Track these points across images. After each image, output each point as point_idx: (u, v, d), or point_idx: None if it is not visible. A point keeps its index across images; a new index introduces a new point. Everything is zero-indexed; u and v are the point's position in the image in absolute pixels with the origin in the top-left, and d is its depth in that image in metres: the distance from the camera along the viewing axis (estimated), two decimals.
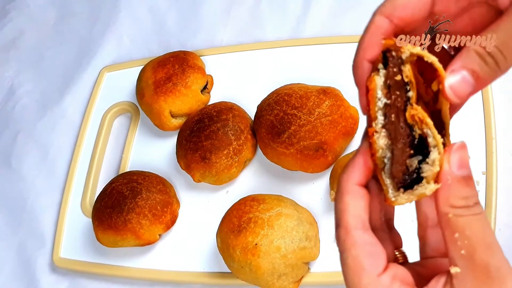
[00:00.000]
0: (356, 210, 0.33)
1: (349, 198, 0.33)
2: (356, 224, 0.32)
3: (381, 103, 0.32)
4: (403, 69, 0.31)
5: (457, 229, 0.30)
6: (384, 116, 0.32)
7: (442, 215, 0.30)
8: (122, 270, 0.77)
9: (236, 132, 0.76)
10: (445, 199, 0.30)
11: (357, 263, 0.31)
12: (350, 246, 0.32)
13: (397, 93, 0.32)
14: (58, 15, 1.11)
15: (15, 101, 1.03)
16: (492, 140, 0.67)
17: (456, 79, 0.31)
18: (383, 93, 0.32)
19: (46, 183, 0.91)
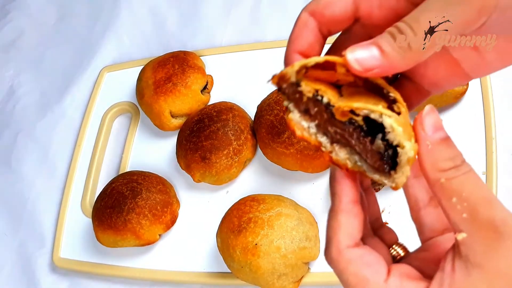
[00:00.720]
0: (349, 228, 0.32)
1: (343, 217, 0.32)
2: (348, 242, 0.32)
3: (312, 129, 0.32)
4: (301, 90, 0.31)
5: (453, 193, 0.29)
6: (324, 134, 0.32)
7: (434, 183, 0.29)
8: (122, 270, 0.77)
9: (236, 132, 0.76)
10: (432, 165, 0.29)
11: (359, 278, 0.31)
12: (347, 265, 0.31)
13: (316, 109, 0.31)
14: (58, 15, 1.11)
15: (15, 101, 1.03)
16: (492, 140, 0.67)
17: (362, 51, 0.30)
18: (306, 119, 0.32)
19: (46, 183, 0.91)
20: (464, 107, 0.71)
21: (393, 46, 0.30)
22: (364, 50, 0.30)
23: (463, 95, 0.70)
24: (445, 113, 0.72)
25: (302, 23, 0.34)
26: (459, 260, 0.29)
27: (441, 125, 0.31)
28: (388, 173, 0.30)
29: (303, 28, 0.34)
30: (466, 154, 0.72)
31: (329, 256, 0.32)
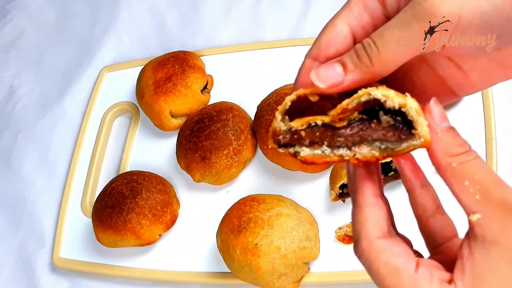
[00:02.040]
0: (376, 220, 0.33)
1: (369, 210, 0.33)
2: (378, 233, 0.32)
3: (327, 150, 0.33)
4: (295, 129, 0.33)
5: (465, 176, 0.30)
6: (338, 147, 0.33)
7: (445, 169, 0.31)
8: (122, 270, 0.77)
9: (236, 132, 0.76)
10: (443, 151, 0.31)
11: (391, 267, 0.31)
12: (378, 255, 0.31)
13: (318, 133, 0.33)
14: (58, 15, 1.11)
15: (15, 101, 1.03)
16: (492, 140, 0.67)
17: (325, 70, 0.32)
18: (317, 148, 0.33)
19: (46, 183, 0.91)
20: (464, 107, 0.71)
21: (356, 63, 0.32)
22: (328, 68, 0.32)
23: None
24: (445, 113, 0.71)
25: (307, 69, 0.35)
26: (476, 242, 0.29)
27: (446, 116, 0.32)
28: (411, 134, 0.31)
29: (307, 74, 0.34)
30: None
31: (360, 249, 0.32)
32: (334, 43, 0.34)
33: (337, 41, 0.34)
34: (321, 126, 0.33)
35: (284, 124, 0.33)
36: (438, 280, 0.30)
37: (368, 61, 0.32)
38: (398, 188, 0.67)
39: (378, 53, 0.31)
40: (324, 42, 0.34)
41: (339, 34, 0.34)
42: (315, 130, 0.33)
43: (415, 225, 0.37)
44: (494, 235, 0.29)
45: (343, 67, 0.32)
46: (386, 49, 0.31)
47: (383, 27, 0.32)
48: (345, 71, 0.32)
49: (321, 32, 0.35)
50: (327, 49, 0.34)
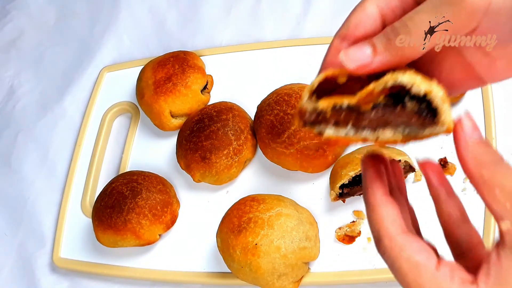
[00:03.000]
0: (391, 217, 0.33)
1: (383, 209, 0.33)
2: (397, 230, 0.33)
3: (351, 131, 0.33)
4: (321, 110, 0.33)
5: (495, 185, 0.30)
6: (362, 129, 0.33)
7: (477, 178, 0.31)
8: (122, 270, 0.77)
9: (236, 132, 0.76)
10: (474, 161, 0.31)
11: (412, 263, 0.31)
12: (400, 251, 0.32)
13: (343, 115, 0.33)
14: (58, 15, 1.11)
15: (15, 101, 1.03)
16: (492, 140, 0.67)
17: (355, 51, 0.33)
18: (342, 128, 0.33)
19: (46, 183, 0.91)
20: (464, 107, 0.71)
21: (385, 45, 0.32)
22: (357, 49, 0.33)
23: (463, 95, 0.70)
24: None
25: (335, 49, 0.35)
26: (504, 249, 0.30)
27: (478, 127, 0.32)
28: (435, 121, 0.31)
29: (335, 55, 0.35)
30: None
31: (383, 247, 0.33)
32: (363, 24, 0.34)
33: (366, 23, 0.34)
34: (346, 108, 0.33)
35: (311, 104, 0.33)
36: (460, 279, 0.30)
37: (398, 43, 0.32)
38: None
39: (408, 36, 0.31)
40: (353, 22, 0.35)
41: (368, 15, 0.34)
42: (340, 111, 0.33)
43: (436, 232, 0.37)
44: None
45: (373, 49, 0.32)
46: (417, 31, 0.31)
47: (413, 11, 0.31)
48: (375, 53, 0.32)
49: (351, 13, 0.35)
50: (355, 29, 0.34)
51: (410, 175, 0.68)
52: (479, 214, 0.64)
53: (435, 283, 0.30)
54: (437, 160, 0.68)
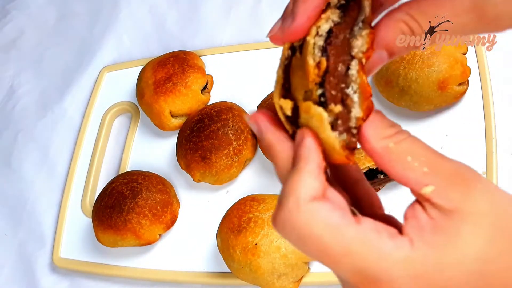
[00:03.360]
0: (311, 184, 0.29)
1: (308, 176, 0.29)
2: (309, 197, 0.28)
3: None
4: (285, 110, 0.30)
5: (406, 152, 0.28)
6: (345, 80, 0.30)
7: (382, 152, 0.28)
8: (122, 270, 0.77)
9: (236, 132, 0.76)
10: (376, 135, 0.29)
11: (329, 224, 0.27)
12: (310, 214, 0.27)
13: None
14: (58, 15, 1.11)
15: (15, 101, 1.03)
16: (492, 140, 0.67)
17: (373, 59, 0.30)
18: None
19: (46, 183, 0.91)
20: (464, 107, 0.71)
21: (402, 50, 0.30)
22: (374, 56, 0.30)
23: (463, 95, 0.70)
24: (445, 113, 0.71)
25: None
26: (434, 209, 0.27)
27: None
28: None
29: None
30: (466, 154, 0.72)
31: (287, 210, 0.28)
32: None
33: None
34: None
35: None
36: (386, 232, 0.27)
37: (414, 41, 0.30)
38: (397, 187, 0.67)
39: (421, 30, 0.30)
40: None
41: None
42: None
43: None
44: (454, 203, 0.27)
45: (388, 52, 0.30)
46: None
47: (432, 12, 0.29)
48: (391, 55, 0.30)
49: None
50: None
51: None
52: None
53: (362, 240, 0.27)
54: None
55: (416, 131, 0.76)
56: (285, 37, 0.30)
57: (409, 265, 0.27)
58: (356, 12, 0.30)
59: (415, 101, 0.69)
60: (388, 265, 0.26)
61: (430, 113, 0.72)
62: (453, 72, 0.67)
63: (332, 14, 0.30)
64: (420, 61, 0.67)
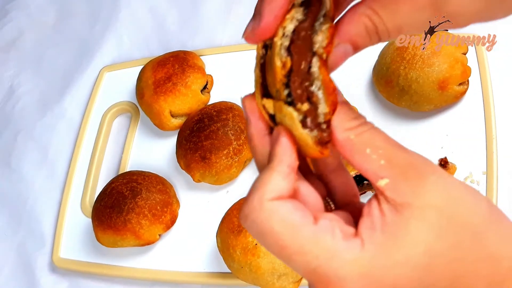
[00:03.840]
0: (278, 185, 0.30)
1: (277, 176, 0.30)
2: (273, 196, 0.29)
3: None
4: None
5: (366, 144, 0.29)
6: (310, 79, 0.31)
7: (344, 142, 0.30)
8: (122, 270, 0.77)
9: (236, 132, 0.76)
10: (339, 126, 0.30)
11: (287, 223, 0.28)
12: (270, 213, 0.29)
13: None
14: (58, 15, 1.11)
15: (15, 101, 1.03)
16: (492, 140, 0.67)
17: (338, 53, 0.31)
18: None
19: (46, 183, 0.91)
20: (464, 107, 0.71)
21: (366, 43, 0.31)
22: (338, 49, 0.31)
23: (464, 95, 0.70)
24: (446, 112, 0.71)
25: None
26: (387, 204, 0.28)
27: (339, 90, 0.31)
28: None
29: None
30: (466, 154, 0.72)
31: (251, 206, 0.29)
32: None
33: None
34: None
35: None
36: (341, 233, 0.29)
37: (378, 41, 0.31)
38: None
39: (389, 37, 0.30)
40: None
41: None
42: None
43: None
44: (405, 197, 0.28)
45: (353, 46, 0.31)
46: (398, 34, 0.30)
47: (400, 18, 0.29)
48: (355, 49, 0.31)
49: None
50: None
51: None
52: None
53: (316, 240, 0.28)
54: (437, 160, 0.68)
55: (416, 131, 0.77)
56: (255, 37, 0.31)
57: (358, 266, 0.28)
58: (318, 7, 0.31)
59: (415, 101, 0.69)
60: (338, 265, 0.28)
61: (431, 113, 0.72)
62: (454, 72, 0.67)
63: (296, 13, 0.30)
64: (421, 61, 0.67)
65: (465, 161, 0.67)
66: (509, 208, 0.64)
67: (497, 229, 0.29)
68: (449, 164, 0.67)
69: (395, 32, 0.30)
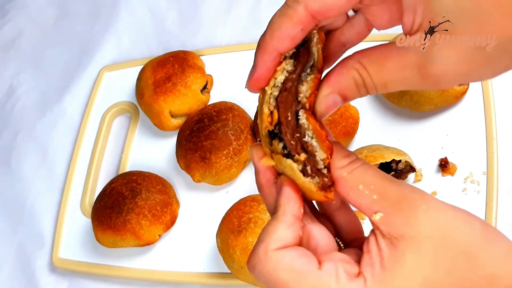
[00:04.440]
0: (283, 235, 0.32)
1: (282, 226, 0.32)
2: (277, 245, 0.31)
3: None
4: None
5: (357, 181, 0.30)
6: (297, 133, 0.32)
7: (338, 181, 0.31)
8: (121, 271, 0.77)
9: (236, 132, 0.76)
10: (333, 166, 0.31)
11: (293, 270, 0.30)
12: (276, 262, 0.30)
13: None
14: (58, 14, 1.11)
15: (15, 101, 1.03)
16: (493, 140, 0.67)
17: (327, 103, 0.32)
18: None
19: (45, 183, 0.90)
20: (465, 107, 0.71)
21: (355, 95, 0.32)
22: (328, 99, 0.32)
23: (464, 95, 0.70)
24: (446, 112, 0.71)
25: (298, 19, 0.32)
26: (383, 239, 0.29)
27: (329, 131, 0.32)
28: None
29: (297, 26, 0.32)
30: (467, 154, 0.72)
31: (257, 257, 0.31)
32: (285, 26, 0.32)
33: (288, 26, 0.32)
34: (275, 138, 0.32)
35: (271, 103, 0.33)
36: (345, 273, 0.30)
37: (366, 93, 0.32)
38: None
39: (376, 92, 0.32)
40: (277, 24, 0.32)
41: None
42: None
43: None
44: (399, 230, 0.29)
45: (342, 98, 0.32)
46: (385, 91, 0.32)
47: (387, 74, 0.30)
48: (343, 99, 0.32)
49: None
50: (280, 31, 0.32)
51: (411, 175, 0.68)
52: (479, 214, 0.63)
53: (321, 285, 0.29)
54: (438, 160, 0.68)
55: (417, 131, 0.77)
56: (251, 87, 0.33)
57: None
58: (306, 58, 0.32)
59: (415, 100, 0.69)
60: None
61: (431, 113, 0.72)
62: None
63: (287, 65, 0.32)
64: None
65: (465, 161, 0.67)
66: (510, 208, 0.64)
67: (492, 249, 0.29)
68: (449, 164, 0.67)
69: (381, 87, 0.31)
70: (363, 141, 0.73)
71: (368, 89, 0.31)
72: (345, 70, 0.31)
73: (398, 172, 0.66)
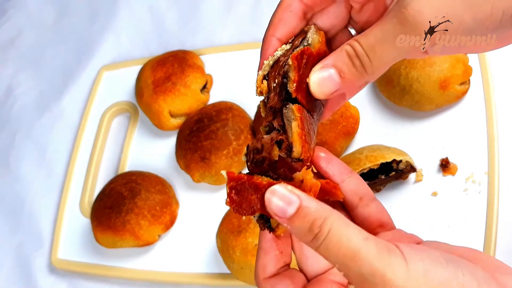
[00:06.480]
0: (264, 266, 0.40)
1: (266, 260, 0.39)
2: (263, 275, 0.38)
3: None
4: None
5: (324, 257, 0.30)
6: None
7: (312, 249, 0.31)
8: (121, 271, 0.76)
9: (236, 132, 0.75)
10: (299, 239, 0.31)
11: None
12: None
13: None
14: (57, 14, 1.11)
15: (14, 101, 1.02)
16: (494, 140, 0.67)
17: (323, 75, 0.34)
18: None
19: (44, 183, 0.90)
20: (466, 107, 0.71)
21: (352, 71, 0.33)
22: (323, 72, 0.33)
23: (465, 94, 0.70)
24: (447, 112, 0.71)
25: (286, 5, 0.37)
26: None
27: (290, 199, 0.31)
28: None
29: (287, 11, 0.36)
30: (468, 154, 0.71)
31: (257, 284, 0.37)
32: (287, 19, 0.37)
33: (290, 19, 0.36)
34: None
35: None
36: None
37: (362, 70, 0.33)
38: (398, 188, 0.67)
39: (371, 64, 0.33)
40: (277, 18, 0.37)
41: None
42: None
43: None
44: None
45: (339, 73, 0.33)
46: (379, 61, 0.33)
47: (374, 38, 0.32)
48: (342, 78, 0.33)
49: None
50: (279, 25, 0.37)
51: (411, 175, 0.68)
52: (480, 214, 0.63)
53: None
54: (439, 160, 0.68)
55: (418, 131, 0.76)
56: None
57: None
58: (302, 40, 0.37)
59: (416, 100, 0.69)
60: None
61: (432, 112, 0.71)
62: (455, 71, 0.67)
63: (286, 45, 0.38)
64: (421, 60, 0.67)
65: (466, 161, 0.67)
66: (510, 209, 0.64)
67: None
68: (450, 164, 0.67)
69: (371, 52, 0.33)
70: (364, 141, 0.73)
71: (360, 57, 0.32)
72: (338, 48, 0.34)
73: (398, 172, 0.66)
